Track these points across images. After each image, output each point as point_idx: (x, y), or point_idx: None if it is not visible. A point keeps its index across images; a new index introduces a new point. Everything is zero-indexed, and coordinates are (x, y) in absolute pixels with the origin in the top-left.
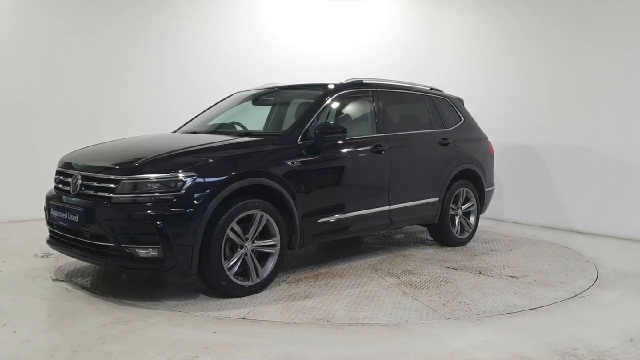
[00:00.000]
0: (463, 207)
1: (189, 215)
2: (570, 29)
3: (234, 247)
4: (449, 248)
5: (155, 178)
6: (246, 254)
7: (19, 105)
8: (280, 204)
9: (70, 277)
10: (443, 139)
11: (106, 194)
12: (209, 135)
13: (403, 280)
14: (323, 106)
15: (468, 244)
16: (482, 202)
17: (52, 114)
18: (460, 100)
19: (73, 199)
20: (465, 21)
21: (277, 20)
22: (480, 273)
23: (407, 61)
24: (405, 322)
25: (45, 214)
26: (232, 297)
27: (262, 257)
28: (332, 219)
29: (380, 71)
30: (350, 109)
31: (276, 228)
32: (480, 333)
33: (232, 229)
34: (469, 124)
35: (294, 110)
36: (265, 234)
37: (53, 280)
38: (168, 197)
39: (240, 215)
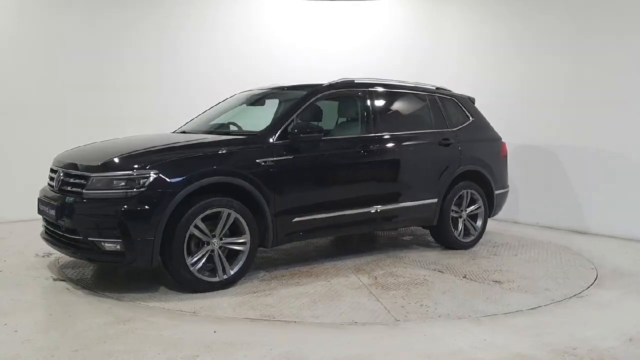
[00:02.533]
0: (468, 209)
1: (150, 212)
2: (574, 25)
3: (201, 243)
4: (451, 251)
5: (119, 175)
6: (213, 250)
7: (19, 105)
8: (252, 202)
9: (70, 277)
10: (444, 139)
11: (78, 190)
12: (195, 135)
13: (379, 281)
14: (304, 106)
15: (474, 248)
16: (491, 205)
17: (52, 115)
18: (471, 100)
19: (55, 194)
20: (465, 19)
21: (277, 21)
22: (465, 277)
23: (409, 61)
24: (351, 321)
25: (37, 208)
26: (198, 292)
27: (235, 255)
28: (309, 218)
29: (383, 72)
30: (338, 108)
31: (246, 226)
32: (480, 333)
33: (196, 226)
34: (479, 124)
35: None
36: (237, 231)
37: (54, 279)
38: (131, 193)
39: (205, 213)
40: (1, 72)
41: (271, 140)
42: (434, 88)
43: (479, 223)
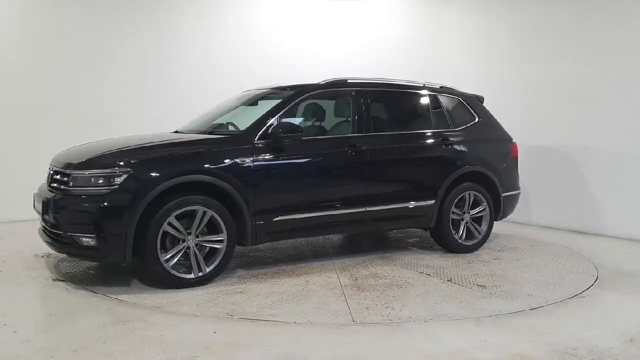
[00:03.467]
0: (471, 211)
1: (121, 208)
2: (574, 25)
3: (176, 240)
4: (452, 254)
5: (95, 173)
6: (189, 247)
7: (21, 105)
8: (230, 201)
9: (70, 277)
10: (443, 139)
11: (62, 187)
12: (184, 135)
13: (358, 282)
14: (289, 106)
15: (477, 251)
16: (497, 207)
17: (52, 115)
18: (479, 99)
19: (45, 191)
20: (465, 19)
21: (277, 21)
22: (450, 280)
23: (409, 61)
24: (308, 321)
25: (32, 204)
26: (172, 288)
27: (215, 253)
28: (291, 218)
29: (385, 72)
30: (327, 108)
31: (222, 224)
32: (480, 333)
33: (170, 223)
34: (486, 124)
35: None
36: (215, 230)
37: (53, 280)
38: (104, 191)
39: (179, 211)
40: (2, 72)
41: (252, 140)
42: (438, 87)
43: (484, 226)
